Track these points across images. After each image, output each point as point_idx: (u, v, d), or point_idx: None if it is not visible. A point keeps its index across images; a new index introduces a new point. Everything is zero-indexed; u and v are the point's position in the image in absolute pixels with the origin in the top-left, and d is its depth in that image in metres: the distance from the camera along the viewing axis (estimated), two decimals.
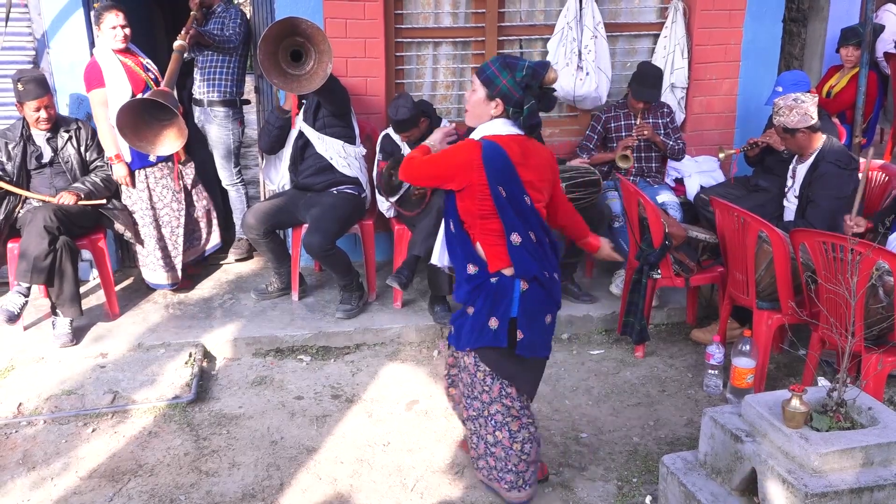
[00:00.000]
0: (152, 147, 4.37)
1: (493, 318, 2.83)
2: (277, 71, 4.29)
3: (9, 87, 4.54)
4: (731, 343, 4.12)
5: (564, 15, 5.24)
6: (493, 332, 2.83)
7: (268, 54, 4.24)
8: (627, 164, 4.89)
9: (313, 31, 4.25)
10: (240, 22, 5.17)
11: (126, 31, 4.45)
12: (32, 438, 3.55)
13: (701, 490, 2.79)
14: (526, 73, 2.75)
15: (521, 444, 2.98)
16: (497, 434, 2.98)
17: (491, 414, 2.97)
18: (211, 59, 5.15)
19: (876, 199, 4.44)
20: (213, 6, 5.22)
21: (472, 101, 2.83)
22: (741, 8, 5.46)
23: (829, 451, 2.50)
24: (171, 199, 4.73)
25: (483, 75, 2.78)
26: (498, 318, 2.82)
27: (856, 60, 5.76)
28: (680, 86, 5.49)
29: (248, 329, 4.45)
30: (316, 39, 4.27)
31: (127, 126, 4.22)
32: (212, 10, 5.21)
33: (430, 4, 5.23)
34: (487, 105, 2.80)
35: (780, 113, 4.09)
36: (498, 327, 2.83)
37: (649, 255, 4.17)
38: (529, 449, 3.00)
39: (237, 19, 5.25)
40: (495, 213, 2.78)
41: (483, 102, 2.80)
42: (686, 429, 3.67)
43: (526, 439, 2.99)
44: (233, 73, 5.23)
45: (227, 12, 5.28)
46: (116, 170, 4.52)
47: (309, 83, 4.29)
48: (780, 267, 3.73)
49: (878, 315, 3.34)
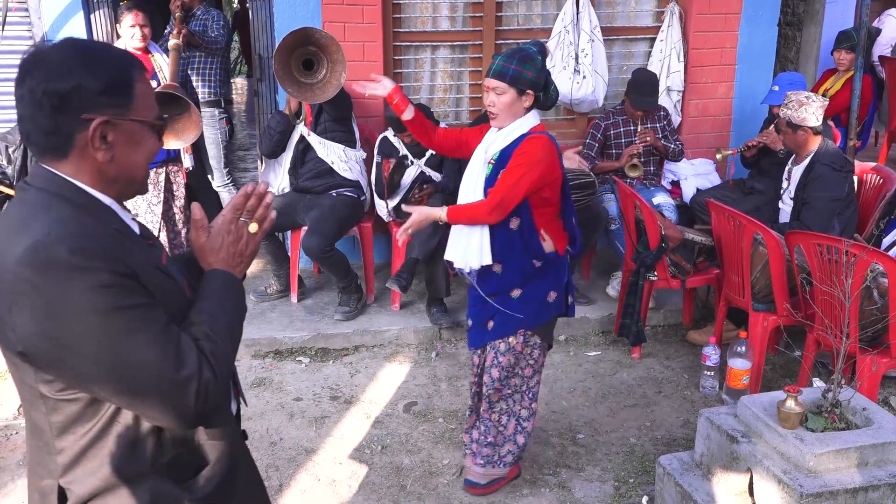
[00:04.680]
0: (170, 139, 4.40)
1: (552, 292, 3.01)
2: (291, 80, 4.32)
3: (9, 91, 4.55)
4: (727, 344, 4.14)
5: (561, 19, 5.26)
6: (553, 304, 3.02)
7: (282, 63, 4.27)
8: (637, 172, 4.88)
9: (328, 41, 4.29)
10: (223, 24, 5.21)
11: (145, 30, 4.48)
12: None
13: (697, 490, 2.81)
14: (540, 56, 2.89)
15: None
16: (532, 406, 3.16)
17: (530, 386, 3.14)
18: (194, 60, 5.19)
19: (870, 202, 4.47)
20: (192, 9, 5.26)
21: (503, 103, 2.86)
22: (737, 12, 5.49)
23: (824, 452, 2.52)
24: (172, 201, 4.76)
25: (507, 77, 2.82)
26: (557, 290, 3.03)
27: (849, 64, 5.80)
28: (676, 89, 5.52)
29: (247, 331, 4.40)
30: (330, 49, 4.31)
31: None
32: (191, 12, 5.25)
33: (427, 8, 5.25)
34: (520, 101, 2.86)
35: (789, 106, 4.09)
36: (557, 297, 3.03)
37: (646, 258, 4.19)
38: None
39: (220, 21, 5.28)
40: (558, 199, 2.96)
41: (515, 101, 2.86)
42: (682, 430, 3.69)
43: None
44: (216, 74, 5.26)
45: (209, 14, 5.31)
46: None
47: (322, 92, 4.34)
48: (776, 269, 3.75)
49: (872, 316, 3.37)
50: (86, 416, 1.37)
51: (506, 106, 2.85)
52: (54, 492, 1.40)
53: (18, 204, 1.39)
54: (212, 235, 1.52)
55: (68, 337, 1.29)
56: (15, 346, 1.32)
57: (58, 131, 1.36)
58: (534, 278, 2.98)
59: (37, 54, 1.36)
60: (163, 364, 1.33)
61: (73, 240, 1.29)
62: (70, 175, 1.39)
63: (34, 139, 1.38)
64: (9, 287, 1.28)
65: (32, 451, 1.45)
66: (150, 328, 1.33)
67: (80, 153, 1.38)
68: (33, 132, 1.37)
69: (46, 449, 1.40)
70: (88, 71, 1.35)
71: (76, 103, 1.34)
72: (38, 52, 1.37)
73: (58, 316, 1.28)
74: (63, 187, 1.38)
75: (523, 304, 2.99)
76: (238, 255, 1.54)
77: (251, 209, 1.54)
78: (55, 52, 1.36)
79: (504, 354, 3.05)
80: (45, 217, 1.33)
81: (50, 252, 1.27)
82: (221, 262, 1.53)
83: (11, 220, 1.35)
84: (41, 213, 1.34)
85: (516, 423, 3.14)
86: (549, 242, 2.97)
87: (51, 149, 1.38)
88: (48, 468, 1.41)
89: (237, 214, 1.53)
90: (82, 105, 1.35)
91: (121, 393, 1.34)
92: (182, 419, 1.38)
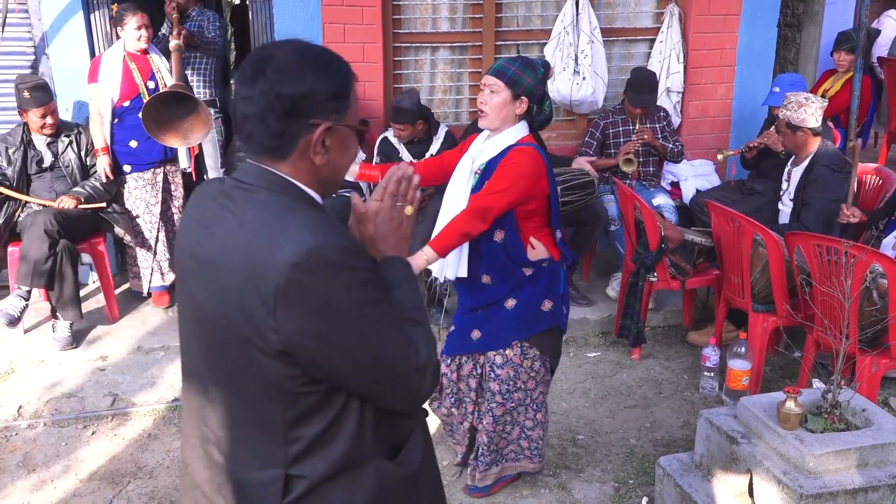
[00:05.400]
0: (183, 140, 4.42)
1: (546, 301, 2.95)
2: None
3: (8, 92, 4.55)
4: (726, 345, 4.14)
5: (561, 20, 5.27)
6: (549, 314, 2.96)
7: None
8: (631, 167, 4.90)
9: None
10: (219, 24, 5.21)
11: (149, 31, 4.49)
12: (32, 441, 3.57)
13: (697, 491, 2.81)
14: (542, 70, 2.87)
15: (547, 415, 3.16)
16: (537, 416, 3.11)
17: (534, 399, 3.08)
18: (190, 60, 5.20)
19: (870, 202, 4.47)
20: (187, 9, 5.26)
21: (495, 103, 2.81)
22: (736, 13, 5.50)
23: (823, 453, 2.52)
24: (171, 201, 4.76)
25: (505, 77, 2.79)
26: (552, 298, 2.95)
27: (849, 65, 5.80)
28: (676, 90, 5.52)
29: None
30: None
31: (152, 122, 4.25)
32: (186, 13, 5.25)
33: (427, 10, 5.26)
34: (512, 105, 2.81)
35: (788, 107, 4.10)
36: (553, 307, 2.96)
37: (645, 259, 4.20)
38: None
39: (216, 22, 5.28)
40: (546, 210, 2.89)
41: (508, 103, 2.81)
42: (682, 430, 3.70)
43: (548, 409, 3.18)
44: (212, 74, 5.26)
45: (203, 15, 5.31)
46: (99, 161, 4.53)
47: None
48: (775, 270, 3.75)
49: (872, 317, 3.37)
50: (322, 406, 1.42)
51: (497, 106, 2.81)
52: (280, 481, 1.44)
53: (249, 204, 1.41)
54: (378, 225, 1.56)
55: (335, 332, 1.35)
56: (274, 345, 1.35)
57: (284, 134, 1.40)
58: (527, 285, 2.92)
59: (268, 57, 1.40)
60: (407, 353, 1.42)
61: (339, 240, 1.37)
62: (289, 175, 1.44)
63: (258, 139, 1.42)
64: (276, 289, 1.31)
65: (245, 445, 1.47)
66: (393, 320, 1.42)
67: (300, 155, 1.43)
68: (259, 132, 1.41)
69: (274, 441, 1.43)
70: (320, 77, 1.40)
71: (307, 108, 1.39)
72: (269, 55, 1.41)
73: (328, 313, 1.34)
74: (288, 188, 1.43)
75: (516, 314, 2.94)
76: (403, 239, 1.58)
77: (404, 193, 1.58)
78: (287, 55, 1.41)
79: (501, 367, 3.00)
80: (299, 219, 1.37)
81: (323, 253, 1.33)
82: (392, 249, 1.57)
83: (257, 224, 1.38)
84: (289, 215, 1.38)
85: (520, 430, 3.12)
86: (542, 248, 2.91)
87: (273, 149, 1.42)
88: (273, 459, 1.44)
89: (395, 201, 1.57)
90: (311, 110, 1.40)
91: (370, 382, 1.43)
92: (416, 402, 1.51)
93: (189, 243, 1.48)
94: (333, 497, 1.46)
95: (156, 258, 4.72)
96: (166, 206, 4.76)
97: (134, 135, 4.52)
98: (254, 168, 1.45)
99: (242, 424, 1.47)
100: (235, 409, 1.47)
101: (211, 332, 1.44)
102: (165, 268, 4.77)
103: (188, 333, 1.54)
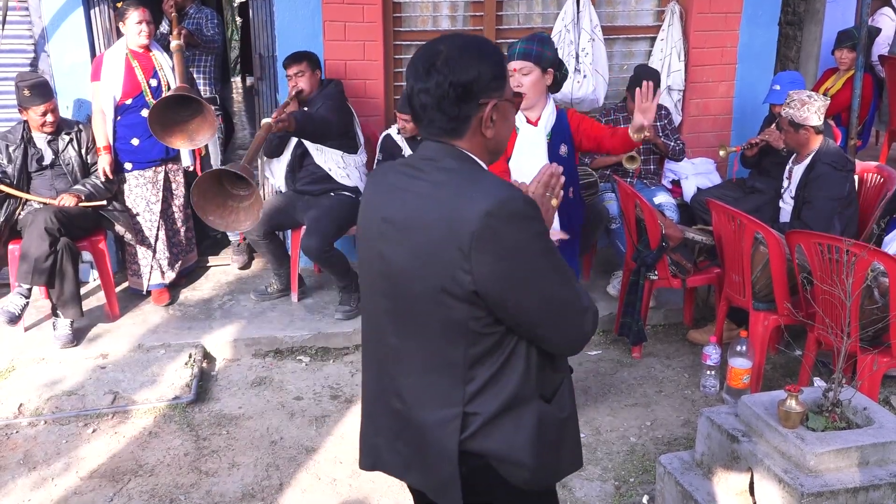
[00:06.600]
0: (189, 141, 4.41)
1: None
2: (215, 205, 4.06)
3: (8, 90, 4.55)
4: (727, 344, 4.14)
5: (562, 18, 5.26)
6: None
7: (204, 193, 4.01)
8: (634, 164, 4.88)
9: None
10: (217, 22, 5.20)
11: (151, 27, 4.48)
12: (33, 439, 3.57)
13: (698, 490, 2.81)
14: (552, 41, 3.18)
15: None
16: None
17: None
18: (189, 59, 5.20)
19: (871, 201, 4.47)
20: (185, 8, 5.25)
21: (530, 82, 3.11)
22: (737, 11, 5.49)
23: (824, 451, 2.52)
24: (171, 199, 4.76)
25: (532, 56, 3.10)
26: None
27: (850, 63, 5.80)
28: (677, 88, 5.52)
29: (247, 330, 4.47)
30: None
31: (157, 125, 4.24)
32: (184, 11, 5.24)
33: (428, 7, 5.25)
34: (543, 79, 3.13)
35: (791, 105, 4.10)
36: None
37: (646, 257, 4.19)
38: None
39: (214, 19, 5.27)
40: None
41: (540, 79, 3.13)
42: (683, 429, 3.69)
43: None
44: (211, 71, 5.25)
45: (202, 13, 5.30)
46: (100, 160, 4.53)
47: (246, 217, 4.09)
48: (776, 268, 3.75)
49: (873, 316, 3.37)
50: (498, 347, 1.63)
51: (533, 84, 3.10)
52: (458, 418, 1.65)
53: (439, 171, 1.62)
54: None
55: (521, 275, 1.56)
56: (468, 286, 1.55)
57: (459, 116, 1.62)
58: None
59: (435, 53, 1.61)
60: (575, 297, 1.64)
61: (523, 195, 1.58)
62: (466, 150, 1.66)
63: (438, 124, 1.64)
64: (472, 235, 1.51)
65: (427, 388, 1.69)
66: (563, 268, 1.62)
67: (473, 132, 1.65)
68: (438, 119, 1.63)
69: (454, 382, 1.64)
70: (482, 62, 1.62)
71: (476, 91, 1.61)
72: (437, 51, 1.62)
73: (516, 257, 1.55)
74: (467, 160, 1.65)
75: None
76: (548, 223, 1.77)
77: (553, 186, 1.81)
78: (451, 48, 1.61)
79: None
80: (488, 178, 1.60)
81: (513, 204, 1.54)
82: None
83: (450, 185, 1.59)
84: (478, 174, 1.62)
85: None
86: None
87: (450, 131, 1.65)
88: (451, 399, 1.65)
89: (546, 190, 1.81)
90: (480, 92, 1.62)
91: (546, 323, 1.62)
92: (580, 344, 1.70)
93: (378, 208, 1.69)
94: (503, 430, 1.66)
95: (155, 256, 4.72)
96: (167, 204, 4.76)
97: (135, 133, 4.52)
98: (435, 144, 1.66)
99: (425, 369, 1.67)
100: (420, 356, 1.67)
101: (402, 284, 1.64)
102: (165, 266, 4.77)
103: (373, 292, 1.74)
